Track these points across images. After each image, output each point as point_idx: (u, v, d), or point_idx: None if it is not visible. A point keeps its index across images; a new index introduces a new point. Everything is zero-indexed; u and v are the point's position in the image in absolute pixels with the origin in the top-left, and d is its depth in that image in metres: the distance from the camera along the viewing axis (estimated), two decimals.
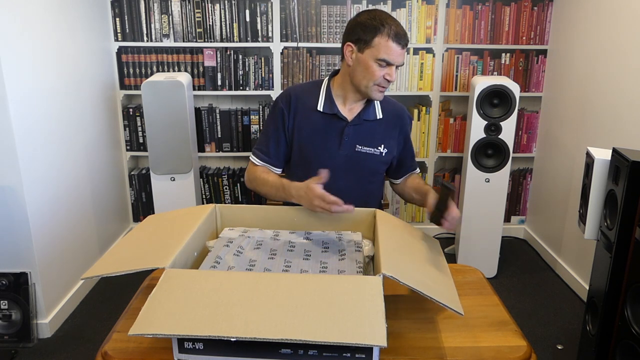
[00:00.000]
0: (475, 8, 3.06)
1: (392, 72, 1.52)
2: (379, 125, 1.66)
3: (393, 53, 1.50)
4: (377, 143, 1.65)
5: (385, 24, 1.49)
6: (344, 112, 1.63)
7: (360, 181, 1.68)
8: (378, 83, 1.54)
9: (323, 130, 1.64)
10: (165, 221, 1.41)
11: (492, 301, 1.30)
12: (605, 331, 1.72)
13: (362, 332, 0.90)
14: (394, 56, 1.50)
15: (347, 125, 1.62)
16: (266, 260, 1.25)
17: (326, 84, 1.66)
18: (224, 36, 3.04)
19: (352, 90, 1.61)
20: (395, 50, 1.49)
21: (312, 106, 1.64)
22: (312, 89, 1.67)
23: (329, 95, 1.64)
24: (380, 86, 1.55)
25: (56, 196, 2.40)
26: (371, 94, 1.57)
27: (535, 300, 2.72)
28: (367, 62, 1.51)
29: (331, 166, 1.63)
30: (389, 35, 1.48)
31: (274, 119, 1.68)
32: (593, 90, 2.65)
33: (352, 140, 1.63)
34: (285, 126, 1.66)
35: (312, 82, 1.73)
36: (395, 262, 1.13)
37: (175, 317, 0.94)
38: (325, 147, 1.64)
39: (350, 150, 1.64)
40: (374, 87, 1.55)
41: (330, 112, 1.62)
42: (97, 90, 2.84)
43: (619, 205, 1.63)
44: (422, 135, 3.23)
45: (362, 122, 1.63)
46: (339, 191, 1.64)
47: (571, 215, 2.84)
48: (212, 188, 3.26)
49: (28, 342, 2.26)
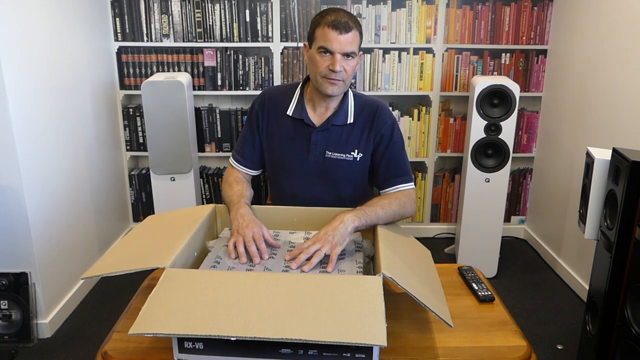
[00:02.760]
0: (475, 8, 3.06)
1: (335, 62, 1.45)
2: (351, 129, 1.59)
3: (331, 40, 1.45)
4: (350, 148, 1.58)
5: (326, 14, 1.47)
6: (312, 118, 1.60)
7: (335, 188, 1.63)
8: (324, 75, 1.48)
9: (292, 135, 1.61)
10: (165, 221, 1.41)
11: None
12: (605, 331, 1.72)
13: (362, 331, 0.90)
14: (333, 43, 1.45)
15: (315, 131, 1.58)
16: (266, 260, 1.25)
17: (299, 88, 1.63)
18: (224, 36, 3.03)
19: (315, 92, 1.57)
20: (332, 36, 1.44)
21: (283, 110, 1.62)
22: (287, 92, 1.65)
23: (300, 100, 1.61)
24: (327, 78, 1.49)
25: (56, 196, 2.40)
26: (321, 87, 1.51)
27: (535, 300, 2.72)
28: (313, 55, 1.50)
29: (303, 172, 1.63)
30: (326, 23, 1.45)
31: (250, 122, 1.67)
32: (593, 90, 2.65)
33: (321, 146, 1.59)
34: (260, 128, 1.65)
35: (291, 84, 1.69)
36: (395, 264, 1.13)
37: (175, 317, 0.94)
38: (294, 153, 1.61)
39: (320, 157, 1.60)
40: (322, 79, 1.49)
41: (299, 117, 1.60)
42: (97, 90, 2.84)
43: (619, 205, 1.63)
44: (422, 135, 3.23)
45: (330, 127, 1.58)
46: (314, 199, 1.62)
47: (571, 215, 2.84)
48: (212, 188, 3.26)
49: (28, 342, 2.26)
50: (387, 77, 3.13)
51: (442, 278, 1.38)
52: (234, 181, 1.61)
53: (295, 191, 1.65)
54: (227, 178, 1.64)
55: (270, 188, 1.79)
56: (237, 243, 1.27)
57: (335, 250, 1.23)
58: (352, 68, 1.50)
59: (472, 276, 1.38)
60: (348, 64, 1.48)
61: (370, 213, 1.37)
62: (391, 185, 1.56)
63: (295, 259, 1.22)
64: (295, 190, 1.65)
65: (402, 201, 1.49)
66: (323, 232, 1.28)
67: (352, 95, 1.62)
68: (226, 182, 1.62)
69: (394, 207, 1.45)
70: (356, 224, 1.32)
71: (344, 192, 1.64)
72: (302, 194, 1.65)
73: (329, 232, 1.27)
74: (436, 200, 3.40)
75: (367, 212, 1.37)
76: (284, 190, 1.68)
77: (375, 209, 1.39)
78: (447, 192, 3.38)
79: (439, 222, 3.45)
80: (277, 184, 1.70)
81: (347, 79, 1.50)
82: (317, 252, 1.22)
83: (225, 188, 1.59)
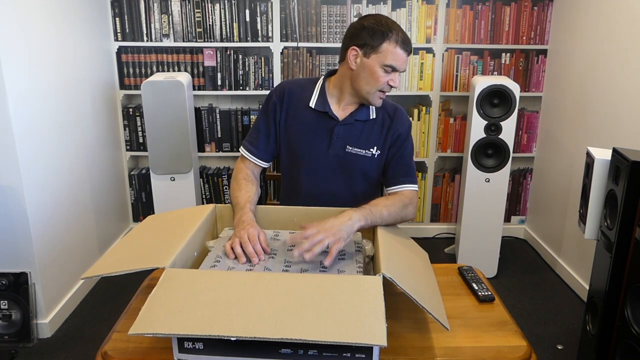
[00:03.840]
0: (475, 8, 3.06)
1: (396, 78, 1.52)
2: (372, 125, 1.61)
3: (400, 59, 1.49)
4: (369, 145, 1.61)
5: (393, 29, 1.48)
6: (336, 112, 1.61)
7: (351, 184, 1.64)
8: (381, 89, 1.53)
9: (313, 128, 1.61)
10: (165, 221, 1.41)
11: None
12: (605, 331, 1.72)
13: (362, 331, 0.90)
14: (401, 62, 1.50)
15: (338, 125, 1.60)
16: (266, 260, 1.25)
17: (321, 82, 1.64)
18: (224, 36, 3.04)
19: (350, 93, 1.59)
20: (402, 56, 1.49)
21: (304, 102, 1.62)
22: (307, 85, 1.65)
23: (322, 93, 1.62)
24: (382, 92, 1.54)
25: (56, 196, 2.40)
26: (372, 99, 1.55)
27: (535, 300, 2.72)
28: (372, 67, 1.50)
29: (321, 166, 1.62)
30: (397, 41, 1.47)
31: (266, 112, 1.65)
32: (593, 90, 2.65)
33: (342, 140, 1.60)
34: (277, 120, 1.64)
35: (309, 78, 1.70)
36: (394, 265, 1.13)
37: (175, 317, 0.94)
38: (314, 146, 1.61)
39: (341, 151, 1.61)
40: (377, 92, 1.54)
41: (322, 110, 1.60)
42: (97, 90, 2.84)
43: (619, 205, 1.63)
44: (422, 135, 3.23)
45: (354, 122, 1.60)
46: (329, 193, 1.62)
47: (571, 215, 2.84)
48: (212, 188, 3.26)
49: (28, 342, 2.26)
50: None
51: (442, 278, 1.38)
52: (244, 180, 1.58)
53: (311, 185, 1.64)
54: (237, 175, 1.62)
55: (283, 183, 1.76)
56: (234, 244, 1.27)
57: (337, 245, 1.23)
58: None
59: (472, 276, 1.38)
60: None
61: (375, 213, 1.38)
62: (398, 184, 1.58)
63: (298, 246, 1.22)
64: (311, 184, 1.64)
65: (405, 203, 1.50)
66: (329, 224, 1.27)
67: None
68: (235, 180, 1.60)
69: (397, 208, 1.46)
70: (362, 224, 1.33)
71: (359, 189, 1.65)
72: (317, 188, 1.64)
73: (336, 225, 1.27)
74: (436, 200, 3.40)
75: (373, 212, 1.38)
76: (300, 184, 1.66)
77: (380, 210, 1.40)
78: (447, 192, 3.38)
79: (439, 222, 3.45)
80: (292, 178, 1.68)
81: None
82: (320, 241, 1.22)
83: (233, 186, 1.57)
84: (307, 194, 1.65)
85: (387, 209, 1.42)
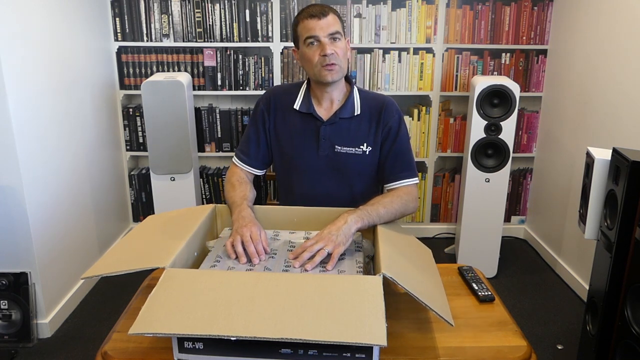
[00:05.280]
0: (475, 8, 3.06)
1: (324, 46, 1.49)
2: (359, 122, 1.59)
3: (313, 28, 1.49)
4: (358, 142, 1.58)
5: (300, 13, 1.53)
6: (319, 112, 1.60)
7: (347, 184, 1.63)
8: (320, 63, 1.51)
9: (301, 131, 1.61)
10: (165, 221, 1.41)
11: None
12: (605, 331, 1.72)
13: (362, 331, 0.90)
14: (316, 30, 1.48)
15: (323, 125, 1.59)
16: (266, 260, 1.25)
17: (305, 84, 1.64)
18: (224, 36, 3.04)
19: (315, 86, 1.60)
20: (312, 24, 1.49)
21: (290, 106, 1.63)
22: (292, 89, 1.66)
23: (307, 95, 1.62)
24: (323, 66, 1.51)
25: (56, 196, 2.40)
26: (321, 77, 1.52)
27: (535, 300, 2.72)
28: (303, 52, 1.53)
29: (313, 168, 1.62)
30: (303, 17, 1.51)
31: (255, 121, 1.67)
32: (593, 90, 2.65)
33: (330, 140, 1.59)
34: (266, 127, 1.65)
35: (294, 83, 1.72)
36: (395, 264, 1.13)
37: (175, 317, 0.94)
38: (304, 149, 1.61)
39: (330, 151, 1.59)
40: (320, 69, 1.51)
41: (307, 111, 1.60)
42: (97, 90, 2.84)
43: (619, 205, 1.63)
44: (422, 135, 3.23)
45: (338, 120, 1.58)
46: (325, 195, 1.62)
47: (571, 215, 2.84)
48: (212, 188, 3.26)
49: (28, 342, 2.26)
50: (387, 77, 3.13)
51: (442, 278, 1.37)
52: (237, 182, 1.59)
53: (307, 188, 1.64)
54: (230, 178, 1.62)
55: (279, 188, 1.77)
56: (235, 242, 1.27)
57: (337, 250, 1.23)
58: (342, 50, 1.52)
59: (472, 276, 1.38)
60: (337, 46, 1.50)
61: (372, 213, 1.37)
62: (397, 180, 1.56)
63: (298, 258, 1.22)
64: (307, 188, 1.64)
65: (404, 199, 1.49)
66: (327, 231, 1.28)
67: (357, 90, 1.63)
68: (229, 183, 1.60)
69: (396, 205, 1.45)
70: (359, 225, 1.33)
71: (356, 188, 1.64)
72: (313, 190, 1.64)
73: (333, 231, 1.27)
74: (436, 200, 3.40)
75: (369, 212, 1.37)
76: (295, 188, 1.66)
77: (377, 208, 1.39)
78: (447, 192, 3.38)
79: (439, 222, 3.45)
80: (287, 183, 1.69)
81: (342, 61, 1.52)
82: (320, 251, 1.22)
83: (228, 189, 1.58)
84: (303, 197, 1.64)
85: (385, 207, 1.41)
